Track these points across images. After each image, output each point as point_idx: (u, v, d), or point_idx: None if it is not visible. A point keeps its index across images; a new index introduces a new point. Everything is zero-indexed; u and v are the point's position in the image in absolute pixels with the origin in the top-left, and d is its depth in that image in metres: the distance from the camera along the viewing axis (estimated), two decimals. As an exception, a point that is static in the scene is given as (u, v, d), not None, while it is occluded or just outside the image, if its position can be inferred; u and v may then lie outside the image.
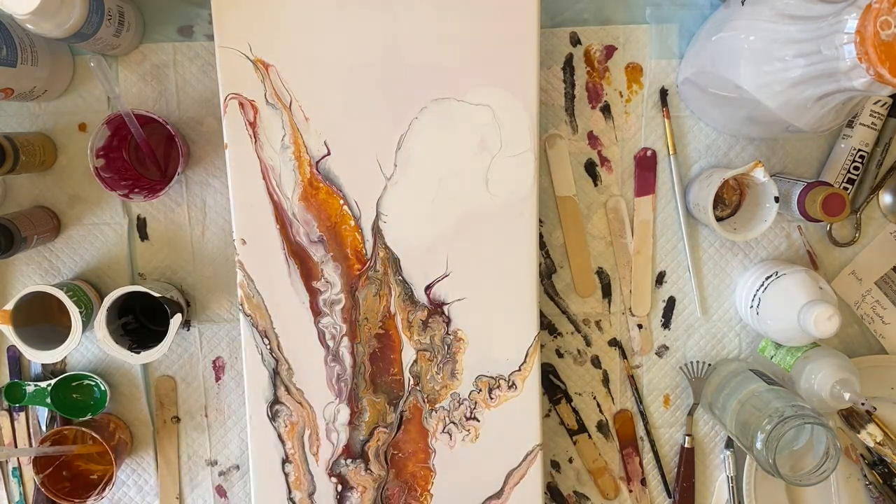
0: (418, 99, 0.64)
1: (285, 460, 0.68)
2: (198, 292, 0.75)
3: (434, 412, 0.68)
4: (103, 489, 0.71)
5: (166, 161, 0.73)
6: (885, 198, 0.73)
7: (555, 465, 0.77)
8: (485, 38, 0.63)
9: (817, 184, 0.67)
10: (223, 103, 0.64)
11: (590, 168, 0.74)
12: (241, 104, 0.64)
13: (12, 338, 0.68)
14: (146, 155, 0.71)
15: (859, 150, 0.71)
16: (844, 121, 0.66)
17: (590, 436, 0.76)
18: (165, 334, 0.68)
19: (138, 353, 0.69)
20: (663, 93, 0.73)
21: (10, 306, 0.68)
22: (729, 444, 0.76)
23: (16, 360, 0.75)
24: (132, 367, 0.75)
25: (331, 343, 0.67)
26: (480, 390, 0.67)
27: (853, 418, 0.74)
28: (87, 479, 0.74)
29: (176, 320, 0.67)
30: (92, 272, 0.74)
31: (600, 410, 0.76)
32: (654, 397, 0.76)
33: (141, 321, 0.74)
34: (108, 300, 0.68)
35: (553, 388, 0.76)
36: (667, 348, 0.76)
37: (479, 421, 0.68)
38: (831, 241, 0.74)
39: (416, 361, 0.67)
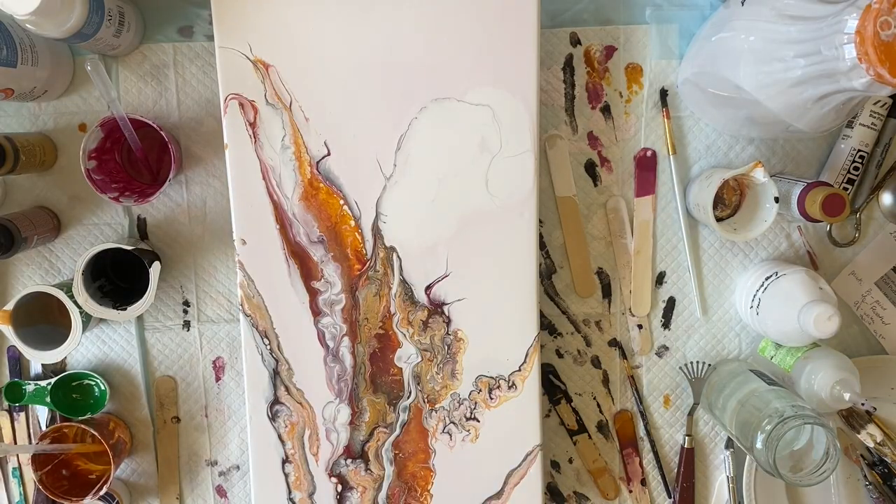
0: (418, 99, 0.64)
1: (285, 460, 0.68)
2: (198, 292, 0.75)
3: (434, 412, 0.68)
4: (101, 488, 0.71)
5: (158, 166, 0.73)
6: (885, 198, 0.73)
7: (555, 465, 0.77)
8: (485, 38, 0.63)
9: (817, 184, 0.67)
10: (223, 103, 0.64)
11: (590, 168, 0.74)
12: (241, 104, 0.64)
13: (12, 338, 0.68)
14: (139, 160, 0.71)
15: (859, 150, 0.71)
16: (844, 121, 0.66)
17: (590, 436, 0.76)
18: (142, 291, 0.67)
19: (124, 309, 0.68)
20: (663, 93, 0.73)
21: (10, 306, 0.68)
22: (729, 444, 0.76)
23: (16, 360, 0.75)
24: (132, 367, 0.75)
25: (331, 343, 0.67)
26: (480, 390, 0.67)
27: (853, 418, 0.74)
28: (85, 478, 0.74)
29: (155, 268, 0.67)
30: (92, 272, 0.74)
31: (600, 411, 0.76)
32: (654, 397, 0.76)
33: (115, 282, 0.73)
34: (81, 264, 0.67)
35: (553, 389, 0.76)
36: (667, 348, 0.76)
37: (479, 421, 0.68)
38: (831, 242, 0.74)
39: (416, 362, 0.67)
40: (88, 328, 0.71)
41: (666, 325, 0.75)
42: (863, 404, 0.64)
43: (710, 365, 0.75)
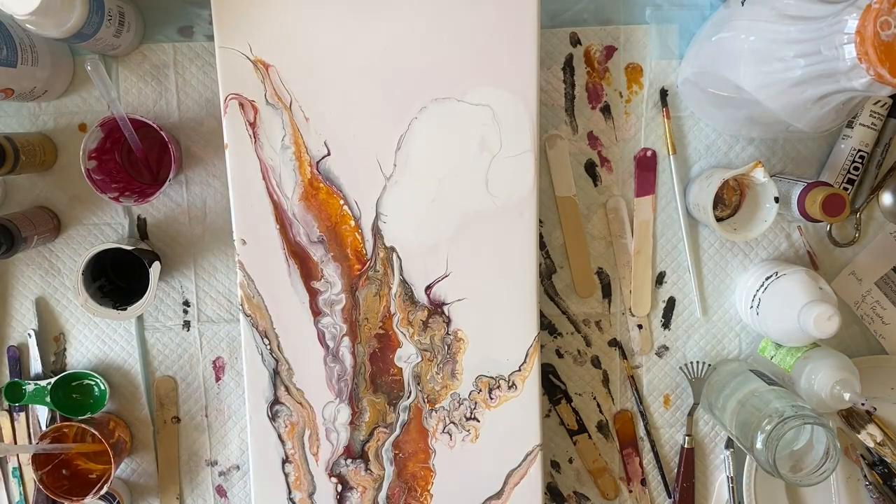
0: (418, 99, 0.64)
1: (285, 460, 0.68)
2: (198, 292, 0.75)
3: (434, 412, 0.68)
4: (101, 488, 0.71)
5: (159, 166, 0.73)
6: (885, 198, 0.73)
7: (555, 465, 0.77)
8: (485, 38, 0.63)
9: (817, 184, 0.67)
10: (223, 103, 0.64)
11: (590, 168, 0.74)
12: (241, 104, 0.64)
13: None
14: (139, 160, 0.71)
15: (859, 150, 0.71)
16: (844, 121, 0.66)
17: (590, 436, 0.76)
18: (142, 291, 0.67)
19: (124, 309, 0.68)
20: (663, 93, 0.73)
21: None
22: (729, 444, 0.76)
23: (16, 360, 0.75)
24: (132, 367, 0.75)
25: (331, 343, 0.67)
26: (480, 390, 0.67)
27: (853, 418, 0.74)
28: (85, 477, 0.74)
29: (155, 268, 0.67)
30: (92, 272, 0.74)
31: (600, 411, 0.76)
32: (654, 397, 0.76)
33: (115, 282, 0.73)
34: (81, 264, 0.67)
35: (553, 389, 0.76)
36: (667, 348, 0.76)
37: (479, 421, 0.68)
38: (831, 242, 0.74)
39: (416, 362, 0.67)
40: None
41: (666, 325, 0.75)
42: (863, 404, 0.64)
43: (710, 365, 0.75)
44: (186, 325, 0.75)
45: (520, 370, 0.67)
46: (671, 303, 0.75)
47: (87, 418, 0.74)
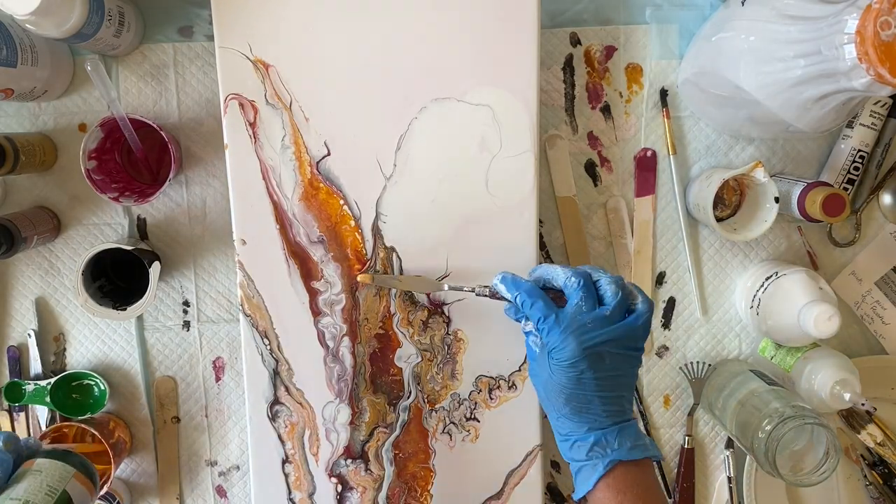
0: (418, 99, 0.64)
1: (285, 460, 0.68)
2: (198, 292, 0.75)
3: (434, 412, 0.68)
4: (101, 488, 0.71)
5: (158, 166, 0.73)
6: (885, 198, 0.73)
7: (555, 465, 0.77)
8: (485, 38, 0.63)
9: (817, 184, 0.67)
10: (223, 104, 0.64)
11: (590, 168, 0.74)
12: (241, 104, 0.64)
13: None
14: (139, 160, 0.71)
15: (859, 150, 0.71)
16: (844, 121, 0.66)
17: (590, 436, 0.76)
18: (142, 291, 0.67)
19: (124, 309, 0.68)
20: (663, 93, 0.73)
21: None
22: (729, 444, 0.76)
23: (16, 360, 0.75)
24: (132, 367, 0.75)
25: (331, 343, 0.67)
26: (480, 390, 0.67)
27: (853, 419, 0.74)
28: (86, 478, 0.74)
29: (155, 268, 0.67)
30: (92, 272, 0.74)
31: (600, 411, 0.76)
32: (655, 398, 0.76)
33: (115, 282, 0.73)
34: (81, 264, 0.67)
35: (553, 389, 0.76)
36: (667, 349, 0.76)
37: (479, 421, 0.68)
38: (831, 242, 0.74)
39: (416, 362, 0.67)
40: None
41: (666, 325, 0.75)
42: (863, 404, 0.64)
43: (710, 365, 0.75)
44: (186, 325, 0.75)
45: (520, 370, 0.67)
46: (671, 303, 0.75)
47: (87, 418, 0.74)
